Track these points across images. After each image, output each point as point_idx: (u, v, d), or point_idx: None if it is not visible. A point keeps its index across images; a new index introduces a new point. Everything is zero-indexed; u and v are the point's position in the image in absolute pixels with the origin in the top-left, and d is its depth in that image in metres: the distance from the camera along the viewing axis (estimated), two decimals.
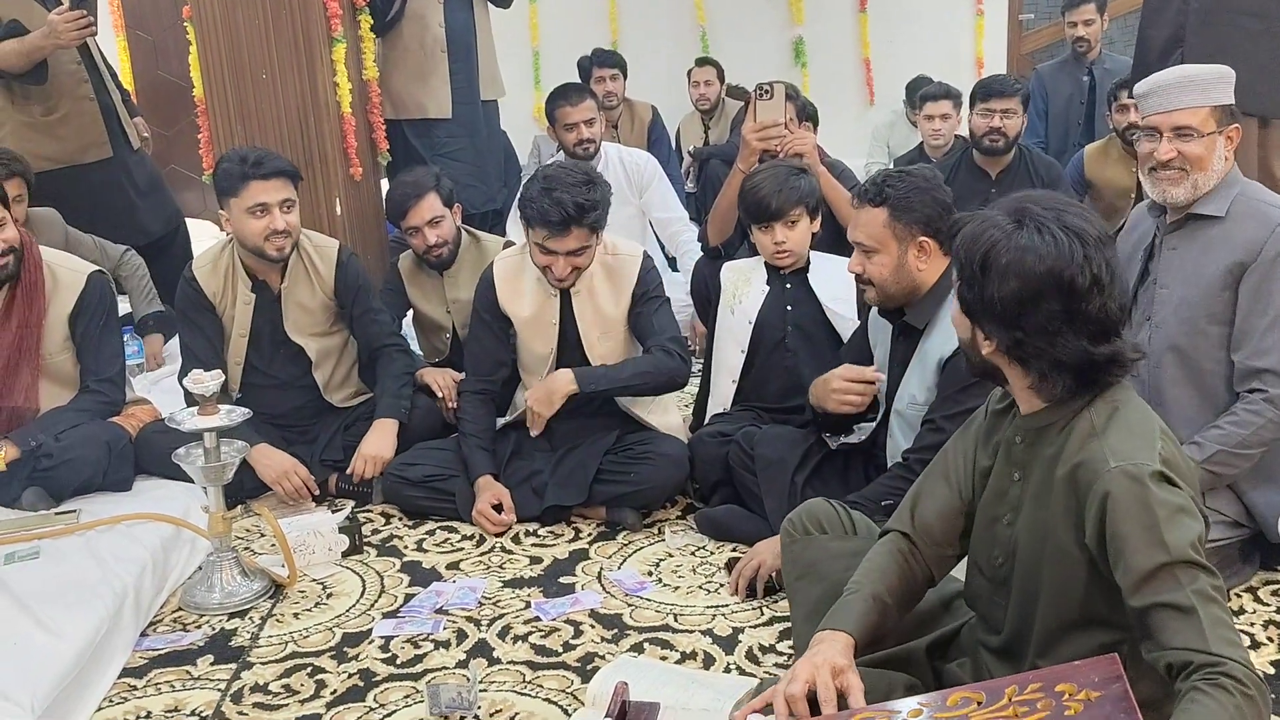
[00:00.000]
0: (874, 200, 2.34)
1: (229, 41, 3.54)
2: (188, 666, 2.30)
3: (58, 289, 2.99)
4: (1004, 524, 1.63)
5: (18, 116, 3.90)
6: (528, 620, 2.43)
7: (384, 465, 3.04)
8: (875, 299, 2.42)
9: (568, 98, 4.20)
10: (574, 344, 2.99)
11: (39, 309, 2.94)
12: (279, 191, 3.00)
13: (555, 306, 2.98)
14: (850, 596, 1.70)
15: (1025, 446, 1.60)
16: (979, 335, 1.57)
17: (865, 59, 7.23)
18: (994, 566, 1.65)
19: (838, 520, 1.98)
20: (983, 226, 1.53)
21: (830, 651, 1.58)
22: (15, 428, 2.92)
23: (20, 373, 2.92)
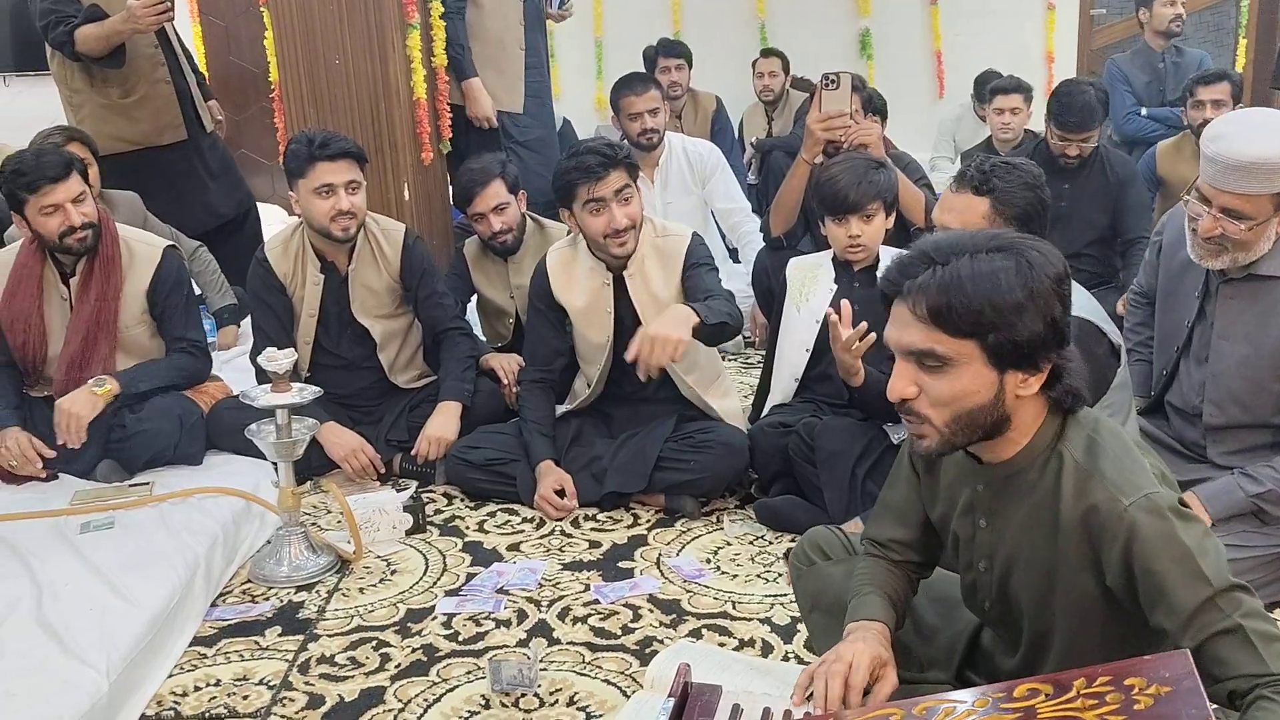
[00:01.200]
0: (979, 188, 2.24)
1: (304, 27, 3.61)
2: (256, 637, 2.35)
3: (134, 263, 3.07)
4: (981, 570, 1.59)
5: (96, 99, 3.99)
6: (587, 603, 2.45)
7: (447, 447, 3.08)
8: None
9: (632, 87, 4.21)
10: (630, 330, 2.99)
11: (116, 282, 3.03)
12: (345, 173, 3.04)
13: (609, 295, 2.99)
14: (865, 594, 1.68)
15: (991, 494, 1.53)
16: (1015, 380, 1.42)
17: (937, 51, 7.17)
18: (984, 611, 1.63)
19: (839, 545, 1.94)
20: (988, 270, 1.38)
21: (872, 641, 1.57)
22: None
23: (98, 344, 3.01)
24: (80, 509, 2.73)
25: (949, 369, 1.41)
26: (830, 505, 2.61)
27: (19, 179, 2.92)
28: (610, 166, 2.84)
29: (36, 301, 3.02)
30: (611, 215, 2.86)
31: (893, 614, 1.66)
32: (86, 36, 3.85)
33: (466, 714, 2.05)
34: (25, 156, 3.00)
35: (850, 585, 1.72)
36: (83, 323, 3.00)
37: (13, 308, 3.01)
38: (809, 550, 1.94)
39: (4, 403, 2.99)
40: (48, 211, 2.92)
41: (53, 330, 3.04)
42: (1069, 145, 3.91)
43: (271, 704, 2.10)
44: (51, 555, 2.48)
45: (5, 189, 2.96)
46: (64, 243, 2.95)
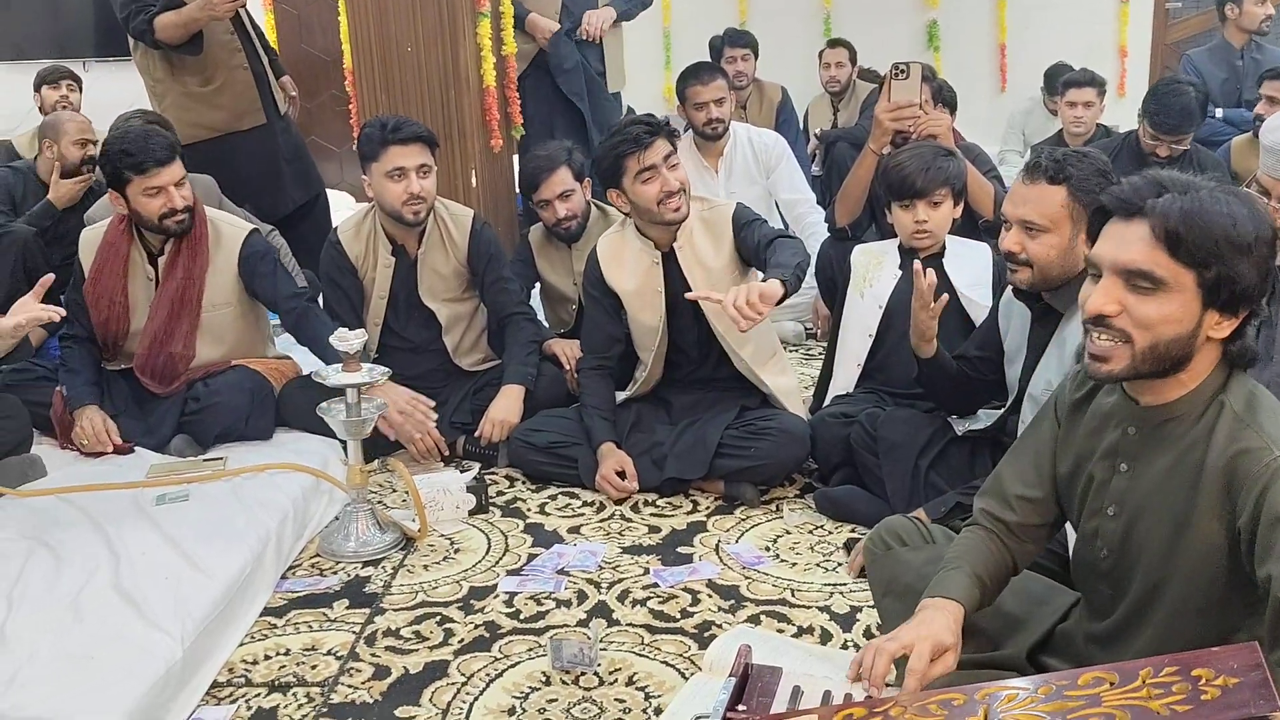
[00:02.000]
0: (1053, 178, 2.21)
1: (377, 15, 3.66)
2: (324, 609, 2.41)
3: (220, 244, 3.15)
4: (1107, 516, 1.59)
5: (177, 88, 4.09)
6: (646, 586, 2.48)
7: (510, 430, 3.12)
8: (1029, 281, 2.29)
9: (699, 76, 4.22)
10: (682, 308, 2.98)
11: (202, 263, 3.11)
12: (416, 156, 3.09)
13: (659, 274, 3.00)
14: (952, 571, 1.68)
15: (1139, 437, 1.54)
16: (1210, 320, 1.44)
17: (1001, 44, 7.09)
18: (1098, 558, 1.62)
19: (917, 533, 1.94)
20: (1231, 208, 1.42)
21: (938, 625, 1.57)
22: (171, 373, 3.10)
23: (180, 322, 3.09)
24: (156, 482, 2.81)
25: (1160, 293, 1.44)
26: (892, 496, 2.61)
27: (126, 159, 2.99)
28: (655, 134, 2.87)
29: (122, 280, 3.10)
30: (664, 179, 2.87)
31: (976, 595, 1.65)
32: (165, 24, 3.94)
33: (528, 690, 2.09)
34: (132, 137, 3.06)
35: (947, 555, 1.72)
36: (167, 300, 3.08)
37: (98, 286, 3.10)
38: (886, 536, 1.95)
39: (83, 379, 3.09)
40: (151, 193, 3.00)
41: (135, 307, 3.13)
42: (1160, 145, 3.86)
43: (339, 674, 2.16)
44: (128, 526, 2.56)
45: (110, 167, 3.03)
46: (163, 224, 3.03)
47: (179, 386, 3.12)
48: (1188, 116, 3.77)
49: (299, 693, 2.10)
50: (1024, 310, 2.41)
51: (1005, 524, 1.73)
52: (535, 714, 2.01)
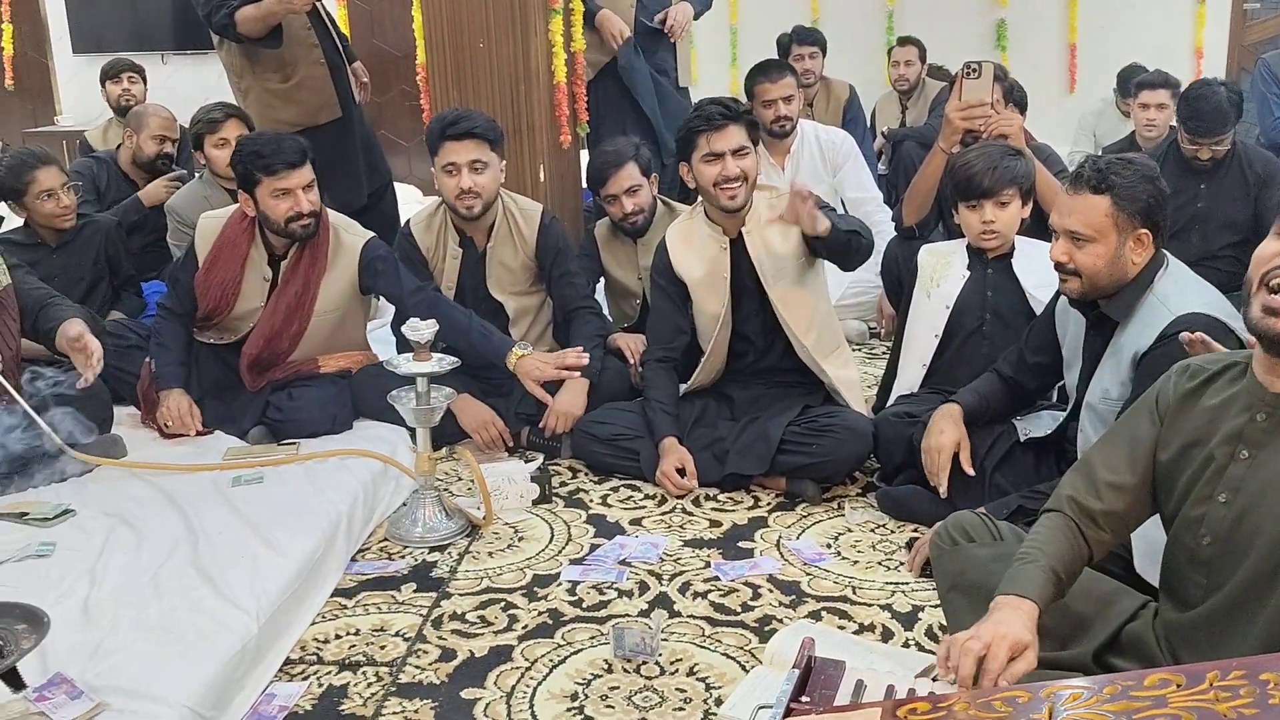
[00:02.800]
0: (1096, 187, 2.21)
1: (450, 12, 3.72)
2: (393, 592, 2.47)
3: (339, 251, 3.19)
4: (1217, 502, 1.59)
5: (259, 84, 4.19)
6: (707, 579, 2.50)
7: (574, 422, 3.16)
8: (1079, 290, 2.30)
9: (768, 74, 4.22)
10: (751, 292, 3.01)
11: (320, 269, 3.16)
12: (469, 152, 3.13)
13: (726, 260, 3.02)
14: (1027, 565, 1.67)
15: (1268, 424, 1.54)
16: None
17: (1071, 44, 7.00)
18: (1199, 545, 1.61)
19: (985, 529, 1.95)
20: None
21: (1015, 623, 1.56)
22: (270, 366, 3.18)
23: (292, 324, 3.16)
24: (233, 464, 2.89)
25: None
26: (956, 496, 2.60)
27: (258, 160, 3.03)
28: (730, 120, 2.90)
29: (236, 275, 3.14)
30: (725, 165, 2.90)
31: (1050, 591, 1.64)
32: (245, 18, 4.02)
33: (590, 676, 2.12)
34: (264, 139, 3.12)
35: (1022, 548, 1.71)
36: (284, 305, 3.13)
37: (211, 276, 3.15)
38: (953, 531, 1.96)
39: (173, 357, 3.16)
40: (279, 195, 3.03)
41: (244, 300, 3.17)
42: (1199, 149, 3.81)
43: (407, 655, 2.21)
44: (206, 506, 2.64)
45: (241, 167, 3.08)
46: (289, 228, 3.07)
47: (265, 383, 3.18)
48: (1220, 117, 3.72)
49: (368, 672, 2.16)
50: (1079, 317, 2.40)
51: (1089, 511, 1.72)
52: (597, 700, 2.05)
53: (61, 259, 3.70)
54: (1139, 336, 2.25)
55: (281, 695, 2.08)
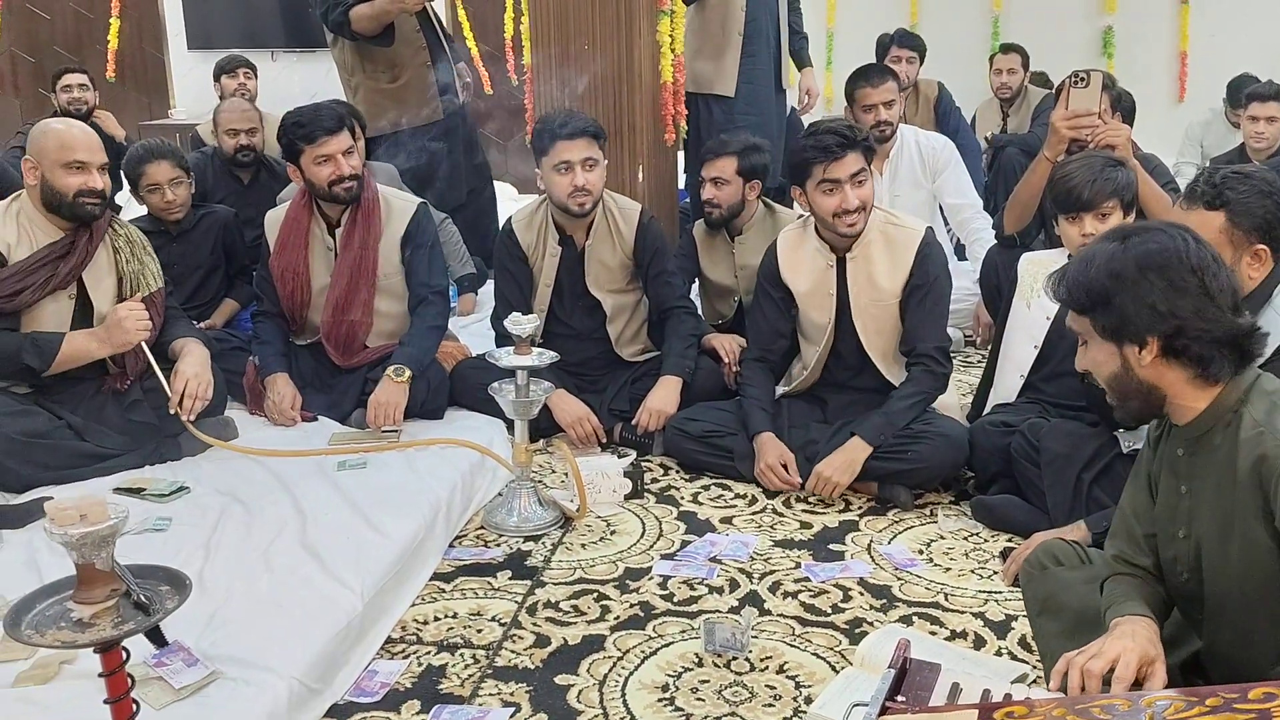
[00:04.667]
0: (1211, 203, 2.18)
1: (558, 14, 3.78)
2: (489, 578, 2.54)
3: (391, 215, 3.32)
4: (1180, 538, 1.63)
5: (368, 83, 4.32)
6: (797, 579, 2.52)
7: (667, 420, 3.20)
8: None
9: (869, 78, 4.21)
10: (847, 311, 3.04)
11: (376, 232, 3.28)
12: (582, 150, 3.20)
13: (832, 277, 3.04)
14: (1124, 601, 1.67)
15: (1188, 457, 1.61)
16: (1132, 353, 1.59)
17: (1182, 52, 6.84)
18: (1181, 583, 1.65)
19: (1074, 555, 1.95)
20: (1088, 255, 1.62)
21: (1140, 636, 1.56)
22: (352, 340, 3.30)
23: (359, 289, 3.28)
24: (338, 449, 2.99)
25: (1088, 345, 1.66)
26: (1053, 508, 2.58)
27: (298, 130, 3.20)
28: (848, 148, 2.89)
29: (304, 252, 3.30)
30: (844, 196, 2.90)
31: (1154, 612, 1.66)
32: (360, 16, 4.15)
33: (680, 669, 2.16)
34: (304, 110, 3.27)
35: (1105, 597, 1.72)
36: (346, 268, 3.27)
37: (283, 259, 3.31)
38: (1043, 557, 1.97)
39: (274, 349, 3.30)
40: (320, 161, 3.18)
41: (316, 278, 3.31)
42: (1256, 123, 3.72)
43: (503, 639, 2.27)
44: (313, 487, 2.74)
45: (285, 140, 3.24)
46: (332, 190, 3.20)
47: (361, 362, 3.29)
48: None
49: (465, 654, 2.22)
50: None
51: (1144, 567, 1.74)
52: (688, 692, 2.08)
53: (180, 247, 3.85)
54: None
55: (383, 672, 2.15)
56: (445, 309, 3.39)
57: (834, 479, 2.88)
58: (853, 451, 2.88)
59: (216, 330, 3.74)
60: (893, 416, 2.91)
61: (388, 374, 3.13)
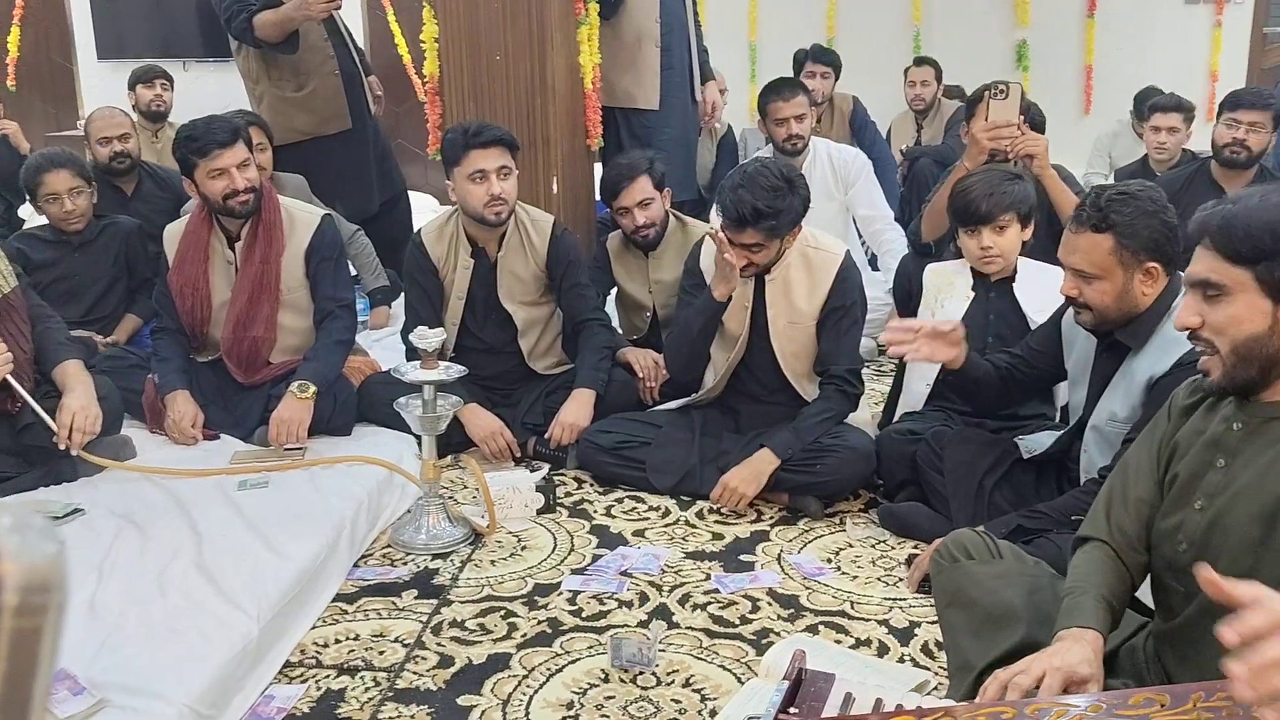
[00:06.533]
0: (1098, 226, 2.21)
1: (469, 25, 3.76)
2: (393, 598, 2.49)
3: (294, 228, 3.26)
4: (1193, 509, 1.59)
5: (273, 91, 4.24)
6: (707, 591, 2.51)
7: (580, 433, 3.18)
8: (1092, 322, 2.31)
9: (780, 93, 4.24)
10: (763, 329, 3.05)
11: (278, 246, 3.22)
12: (496, 159, 3.17)
13: (750, 292, 3.05)
14: (1081, 597, 1.66)
15: (1244, 433, 1.55)
16: None
17: (1088, 66, 7.01)
18: (1176, 553, 1.62)
19: (984, 547, 1.95)
20: (1276, 202, 1.49)
21: (1074, 656, 1.54)
22: (255, 356, 3.23)
23: (261, 304, 3.21)
24: (239, 469, 2.92)
25: (1225, 298, 1.50)
26: (955, 515, 2.61)
27: (191, 144, 3.12)
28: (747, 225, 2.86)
29: (203, 266, 3.22)
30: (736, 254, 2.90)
31: (1108, 617, 1.64)
32: (264, 22, 4.08)
33: (586, 685, 2.14)
34: (197, 124, 3.19)
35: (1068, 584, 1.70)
36: (248, 283, 3.20)
37: (182, 274, 3.23)
38: (953, 549, 1.96)
39: (174, 366, 3.22)
40: (214, 175, 3.11)
41: (217, 293, 3.24)
42: (1236, 128, 3.83)
43: (405, 660, 2.23)
44: (211, 507, 2.67)
45: (179, 154, 3.17)
46: (227, 204, 3.13)
47: (264, 378, 3.23)
48: (1261, 96, 3.82)
49: (366, 676, 2.18)
50: (1089, 336, 2.41)
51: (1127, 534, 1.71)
52: (593, 709, 2.06)
53: (82, 258, 3.76)
54: (1155, 363, 2.25)
55: (280, 697, 2.10)
56: (352, 323, 3.34)
57: (740, 489, 2.88)
58: (760, 463, 2.89)
59: (118, 347, 3.64)
60: (802, 432, 2.93)
61: (291, 390, 3.07)
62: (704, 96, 4.49)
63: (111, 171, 4.24)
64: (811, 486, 2.91)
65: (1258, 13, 6.80)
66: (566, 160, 3.99)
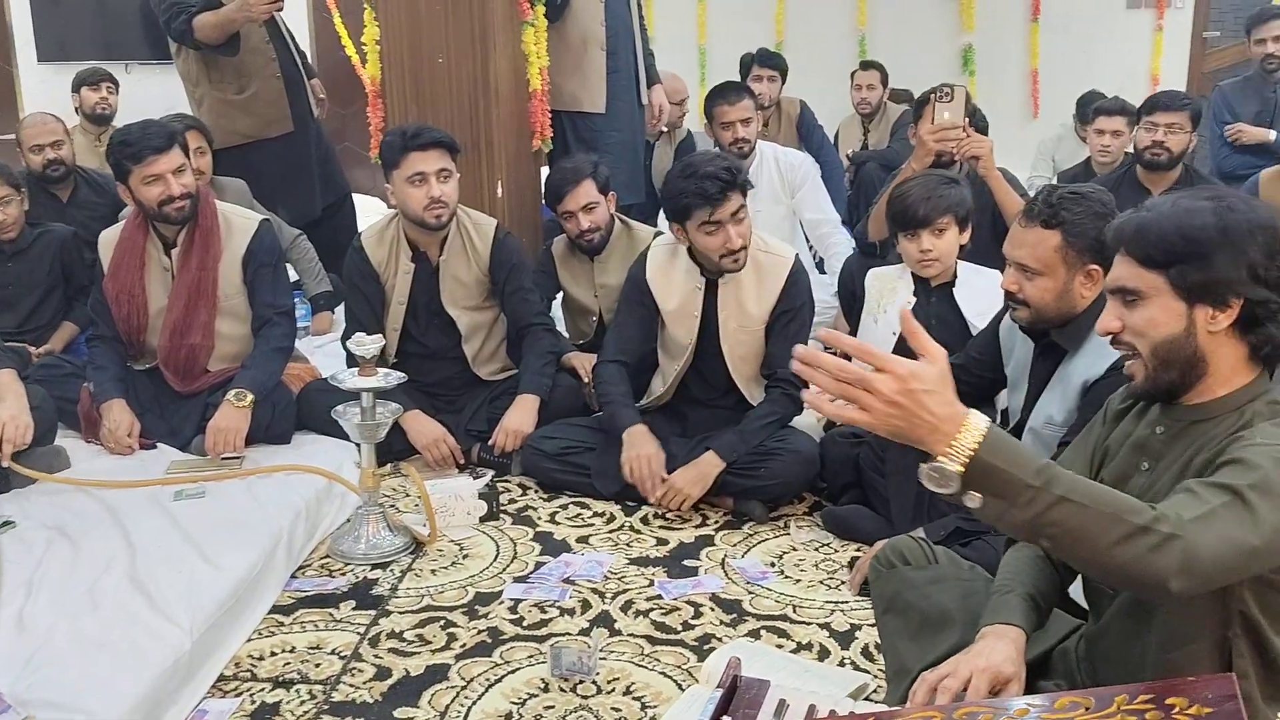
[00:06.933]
0: (1047, 222, 2.23)
1: (410, 27, 3.72)
2: (331, 609, 2.45)
3: (231, 234, 3.21)
4: None
5: (214, 94, 4.18)
6: (650, 597, 2.50)
7: (524, 439, 3.16)
8: (1028, 320, 2.33)
9: (726, 96, 4.25)
10: (712, 337, 3.05)
11: (215, 252, 3.16)
12: (436, 161, 3.14)
13: (699, 300, 3.04)
14: (1006, 595, 1.67)
15: (1166, 437, 1.56)
16: (1204, 315, 1.49)
17: (1033, 70, 7.09)
18: None
19: (921, 554, 1.96)
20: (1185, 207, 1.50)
21: (999, 655, 1.55)
22: (193, 364, 3.18)
23: (198, 311, 3.15)
24: (175, 479, 2.87)
25: (1141, 301, 1.52)
26: (896, 517, 2.63)
27: (125, 149, 3.06)
28: (729, 190, 2.87)
29: (139, 273, 3.17)
30: (728, 236, 2.90)
31: (1033, 617, 1.65)
32: (204, 24, 4.02)
33: (525, 696, 2.12)
34: (132, 129, 3.13)
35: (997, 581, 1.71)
36: (184, 290, 3.14)
37: (117, 280, 3.16)
38: (891, 555, 1.97)
39: (110, 374, 3.16)
40: (149, 181, 3.05)
41: (153, 300, 3.18)
42: (1155, 131, 3.89)
43: (341, 673, 2.20)
44: (145, 518, 2.62)
45: (113, 159, 3.11)
46: (163, 211, 3.08)
47: (202, 387, 3.18)
48: (1175, 96, 3.90)
49: (302, 690, 2.14)
50: (1026, 340, 2.43)
51: None
52: None
53: (16, 267, 3.69)
54: (1090, 366, 2.27)
55: (213, 712, 2.06)
56: (291, 330, 3.29)
57: (685, 490, 2.87)
58: (705, 465, 2.88)
59: (53, 356, 3.57)
60: (748, 435, 2.92)
61: (228, 398, 3.02)
62: (650, 100, 4.48)
63: (46, 179, 4.15)
64: (756, 490, 2.91)
65: (1197, 18, 6.92)
66: (511, 163, 3.96)
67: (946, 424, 1.30)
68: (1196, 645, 1.47)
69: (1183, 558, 1.28)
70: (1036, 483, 1.29)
